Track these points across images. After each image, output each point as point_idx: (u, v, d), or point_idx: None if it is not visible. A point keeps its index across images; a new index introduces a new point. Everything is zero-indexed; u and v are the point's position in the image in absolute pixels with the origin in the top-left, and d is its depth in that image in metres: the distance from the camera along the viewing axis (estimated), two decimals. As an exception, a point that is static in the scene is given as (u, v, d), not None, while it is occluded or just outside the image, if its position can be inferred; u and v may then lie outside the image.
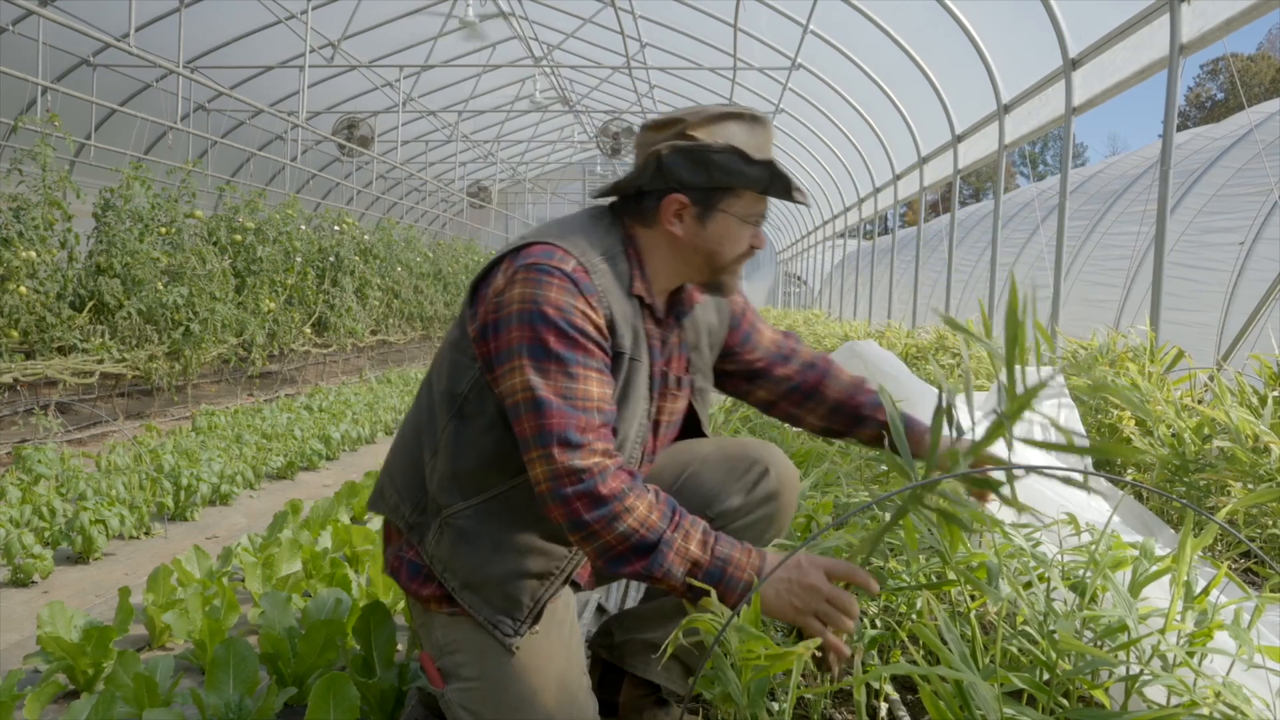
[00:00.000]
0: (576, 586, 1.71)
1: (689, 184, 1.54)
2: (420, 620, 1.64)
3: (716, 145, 1.52)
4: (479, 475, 1.54)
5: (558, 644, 1.57)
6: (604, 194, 1.65)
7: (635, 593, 2.72)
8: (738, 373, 1.87)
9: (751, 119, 1.56)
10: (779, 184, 1.54)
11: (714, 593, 1.34)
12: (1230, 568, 1.53)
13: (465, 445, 1.55)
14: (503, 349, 1.46)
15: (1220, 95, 32.04)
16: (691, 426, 1.82)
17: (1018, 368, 1.34)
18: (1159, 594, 1.55)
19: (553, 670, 1.53)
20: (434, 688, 1.59)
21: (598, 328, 1.48)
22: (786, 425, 2.94)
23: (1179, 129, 5.12)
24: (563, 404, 1.41)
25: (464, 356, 1.56)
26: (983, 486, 1.40)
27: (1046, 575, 1.58)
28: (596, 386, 1.45)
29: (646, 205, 1.57)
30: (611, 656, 1.82)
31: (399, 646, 2.18)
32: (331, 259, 10.07)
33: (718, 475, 1.71)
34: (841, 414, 1.85)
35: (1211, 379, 3.12)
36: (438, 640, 1.59)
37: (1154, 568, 1.48)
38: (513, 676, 1.51)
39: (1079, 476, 1.31)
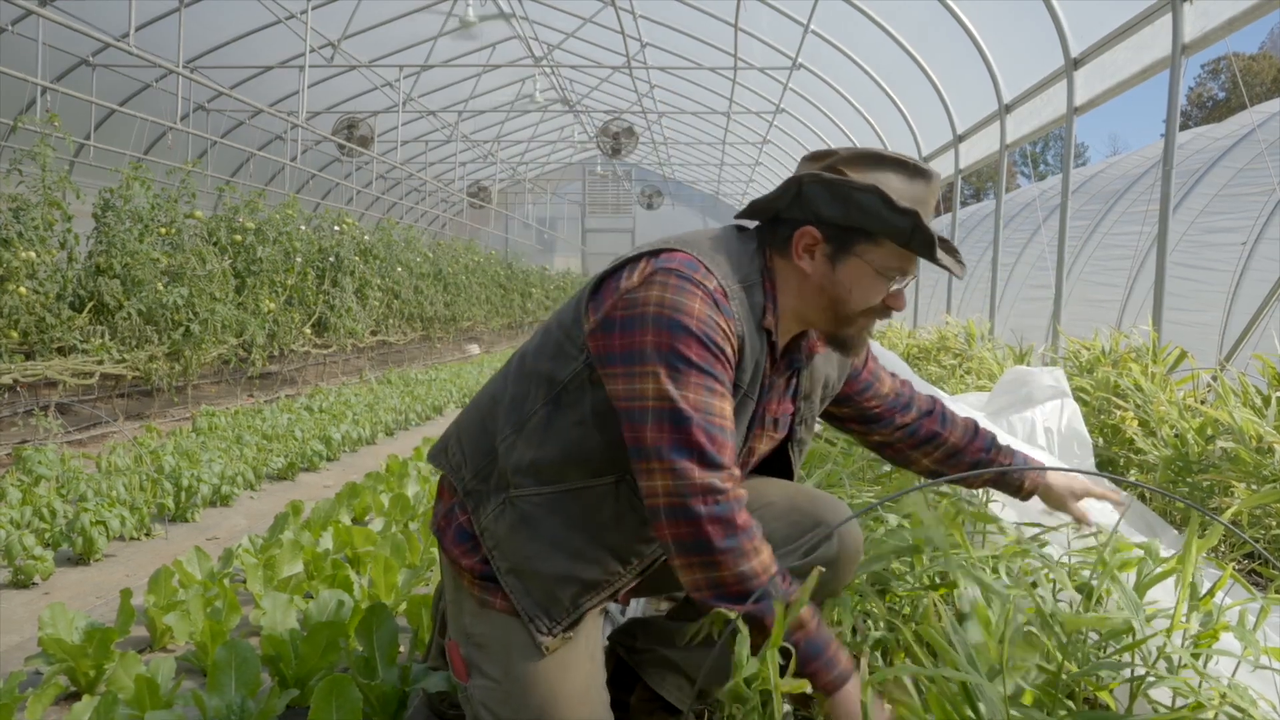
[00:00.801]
0: (613, 598, 1.67)
1: (825, 218, 1.46)
2: (453, 594, 1.61)
3: (861, 184, 1.43)
4: (559, 466, 1.50)
5: (584, 656, 1.54)
6: (746, 215, 1.57)
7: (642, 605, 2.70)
8: (853, 417, 1.85)
9: (915, 170, 1.47)
10: (921, 238, 1.42)
11: (810, 666, 1.35)
12: (1235, 569, 1.52)
13: (553, 434, 1.50)
14: (632, 349, 1.39)
15: (1221, 95, 32.02)
16: (779, 468, 1.77)
17: (1023, 365, 1.33)
18: (1164, 595, 1.55)
19: (577, 681, 1.51)
20: (457, 679, 1.58)
21: (733, 349, 1.42)
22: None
23: (1180, 128, 5.10)
24: (702, 418, 1.36)
25: (573, 346, 1.49)
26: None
27: (1052, 576, 1.58)
28: (728, 407, 1.40)
29: (781, 234, 1.50)
30: (629, 659, 1.81)
31: (401, 648, 2.17)
32: (331, 259, 10.06)
33: (779, 527, 1.62)
34: (956, 461, 1.85)
35: (1214, 379, 3.11)
36: (466, 627, 1.57)
37: (1159, 569, 1.48)
38: (537, 681, 1.49)
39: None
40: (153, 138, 12.27)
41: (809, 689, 1.34)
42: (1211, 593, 1.40)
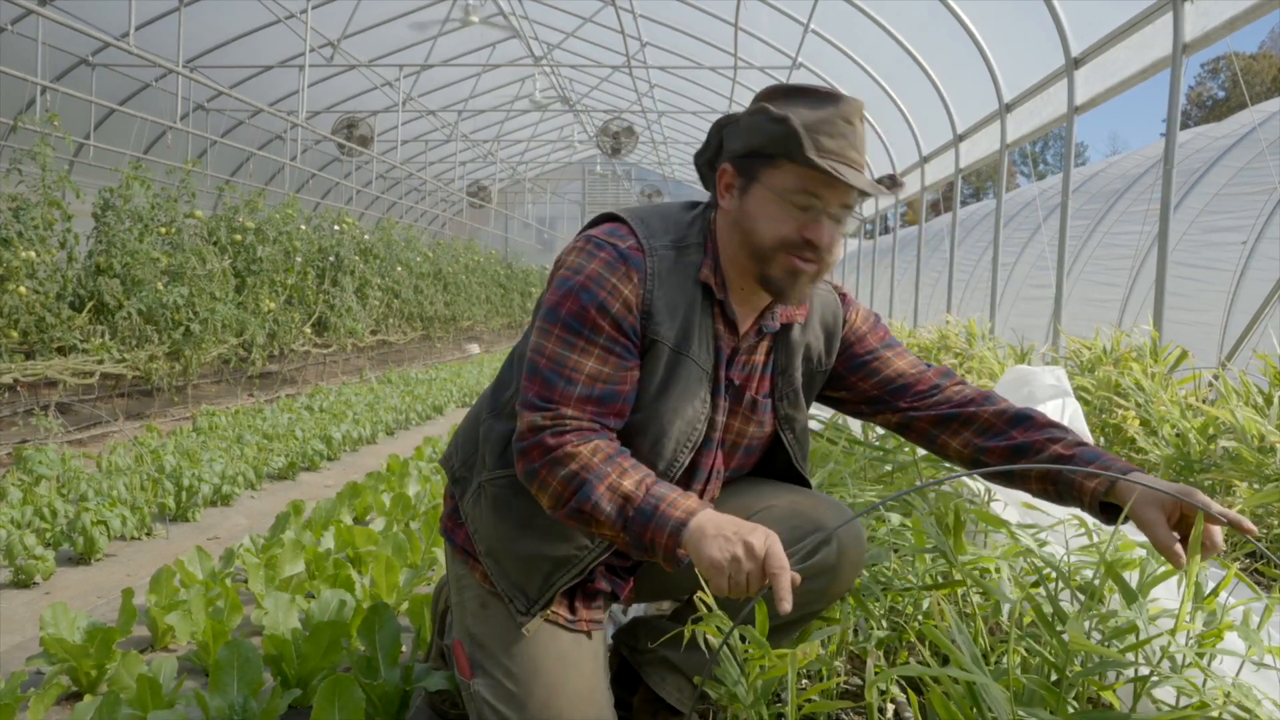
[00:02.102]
0: (614, 599, 1.68)
1: (734, 152, 1.47)
2: (457, 596, 1.66)
3: (753, 108, 1.44)
4: None
5: (587, 654, 1.55)
6: (701, 178, 1.60)
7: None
8: (863, 403, 1.71)
9: (824, 95, 1.42)
10: (793, 143, 1.35)
11: (649, 534, 1.32)
12: (1238, 568, 1.52)
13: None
14: (542, 310, 1.50)
15: (1221, 94, 32.02)
16: (778, 464, 1.70)
17: (1024, 365, 1.33)
18: (1167, 595, 1.55)
19: (580, 680, 1.52)
20: (461, 678, 1.59)
21: (625, 304, 1.44)
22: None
23: (1180, 128, 5.10)
24: (550, 369, 1.43)
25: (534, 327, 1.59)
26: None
27: (1054, 576, 1.57)
28: (594, 363, 1.43)
29: (712, 184, 1.54)
30: (632, 659, 1.81)
31: (403, 648, 2.17)
32: (331, 259, 10.06)
33: (779, 531, 1.49)
34: (994, 441, 1.57)
35: (1216, 378, 3.11)
36: (470, 627, 1.59)
37: (1162, 569, 1.47)
38: (539, 678, 1.50)
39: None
40: (152, 137, 12.26)
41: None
42: (1215, 592, 1.40)
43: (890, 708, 1.73)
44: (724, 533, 1.26)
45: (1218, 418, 2.69)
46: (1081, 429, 2.60)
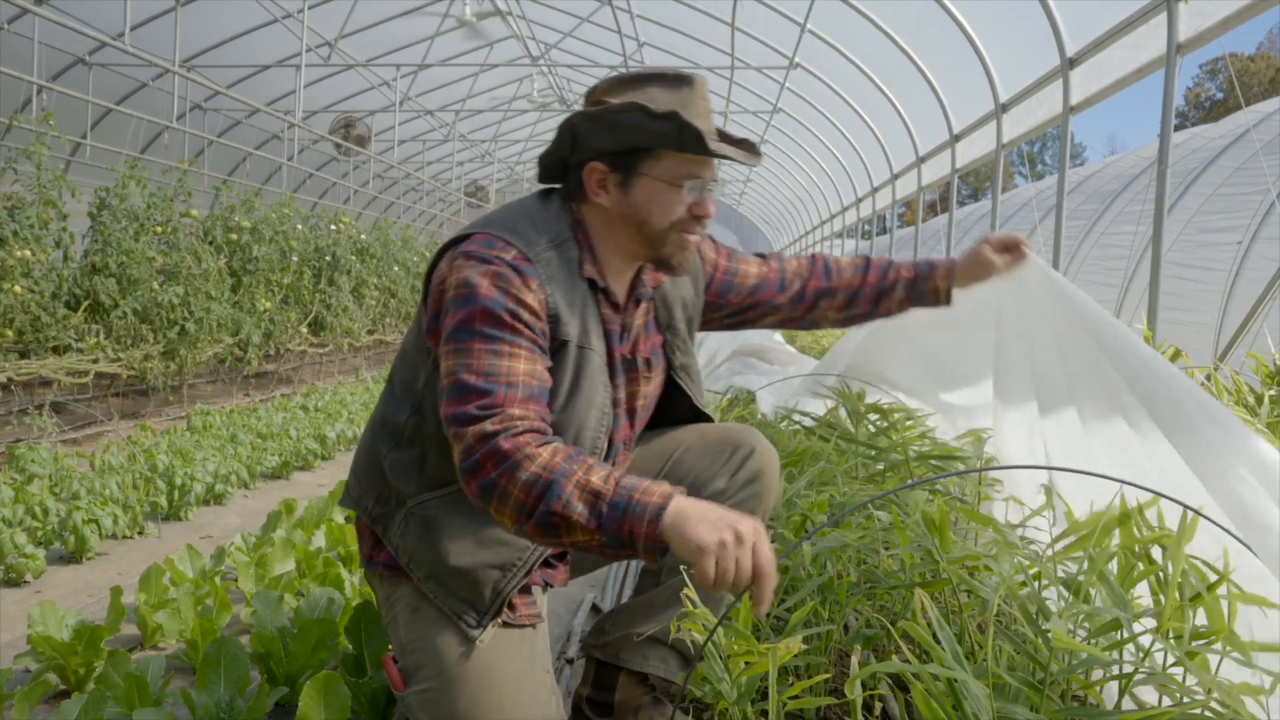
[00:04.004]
0: (549, 586, 1.69)
1: (603, 150, 1.50)
2: (387, 615, 1.63)
3: (620, 104, 1.48)
4: (441, 467, 1.54)
5: (519, 642, 1.55)
6: (542, 178, 1.62)
7: (631, 591, 2.71)
8: (735, 315, 1.89)
9: (675, 79, 1.52)
10: (689, 135, 1.44)
11: (627, 527, 1.25)
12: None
13: (426, 438, 1.55)
14: (443, 336, 1.45)
15: (1219, 95, 32.07)
16: (681, 407, 1.80)
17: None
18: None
19: (512, 669, 1.51)
20: (396, 692, 1.58)
21: (533, 311, 1.44)
22: (782, 425, 2.93)
23: (1178, 129, 5.11)
24: (483, 381, 1.38)
25: (419, 352, 1.56)
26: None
27: (1041, 572, 1.57)
28: (525, 364, 1.42)
29: (574, 181, 1.56)
30: (605, 655, 1.80)
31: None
32: (328, 258, 10.05)
33: (702, 461, 1.72)
34: (860, 300, 1.91)
35: (1209, 378, 3.11)
36: (401, 639, 1.58)
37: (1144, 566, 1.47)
38: (470, 676, 1.49)
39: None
40: (149, 137, 12.25)
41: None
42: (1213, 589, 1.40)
43: (878, 706, 1.73)
44: (708, 517, 1.23)
45: (1209, 417, 2.68)
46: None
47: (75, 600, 3.02)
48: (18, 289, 5.64)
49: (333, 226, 10.52)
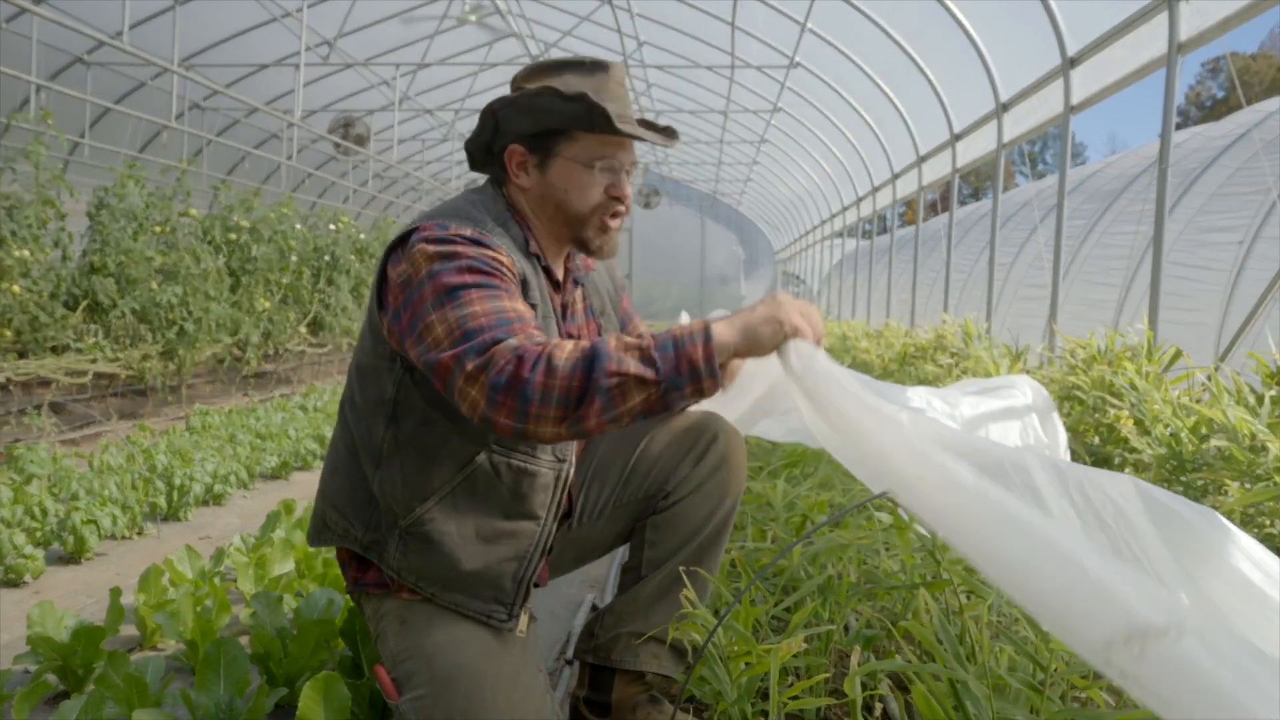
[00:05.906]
0: (535, 585, 1.69)
1: (521, 133, 1.56)
2: (376, 630, 1.62)
3: (534, 89, 1.53)
4: (429, 475, 1.52)
5: (509, 642, 1.55)
6: (473, 166, 1.66)
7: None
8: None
9: (592, 65, 1.58)
10: (597, 115, 1.49)
11: (685, 357, 1.27)
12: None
13: (407, 447, 1.53)
14: (417, 316, 1.40)
15: (1221, 94, 32.06)
16: None
17: (1015, 375, 1.32)
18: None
19: (505, 671, 1.51)
20: (390, 702, 1.57)
21: (509, 269, 1.47)
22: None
23: (1179, 128, 5.10)
24: (494, 319, 1.35)
25: (382, 361, 1.54)
26: None
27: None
28: (524, 306, 1.43)
29: (499, 165, 1.60)
30: (597, 658, 1.79)
31: (391, 647, 2.16)
32: (327, 258, 10.05)
33: (669, 449, 1.74)
34: None
35: (1209, 378, 3.11)
36: (391, 650, 1.58)
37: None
38: (463, 680, 1.49)
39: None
40: (148, 136, 12.24)
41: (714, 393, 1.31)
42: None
43: (878, 706, 1.72)
44: (747, 310, 1.33)
45: (1210, 417, 2.68)
46: (1060, 443, 2.58)
47: (74, 601, 3.01)
48: (16, 289, 5.64)
49: (332, 226, 10.52)
